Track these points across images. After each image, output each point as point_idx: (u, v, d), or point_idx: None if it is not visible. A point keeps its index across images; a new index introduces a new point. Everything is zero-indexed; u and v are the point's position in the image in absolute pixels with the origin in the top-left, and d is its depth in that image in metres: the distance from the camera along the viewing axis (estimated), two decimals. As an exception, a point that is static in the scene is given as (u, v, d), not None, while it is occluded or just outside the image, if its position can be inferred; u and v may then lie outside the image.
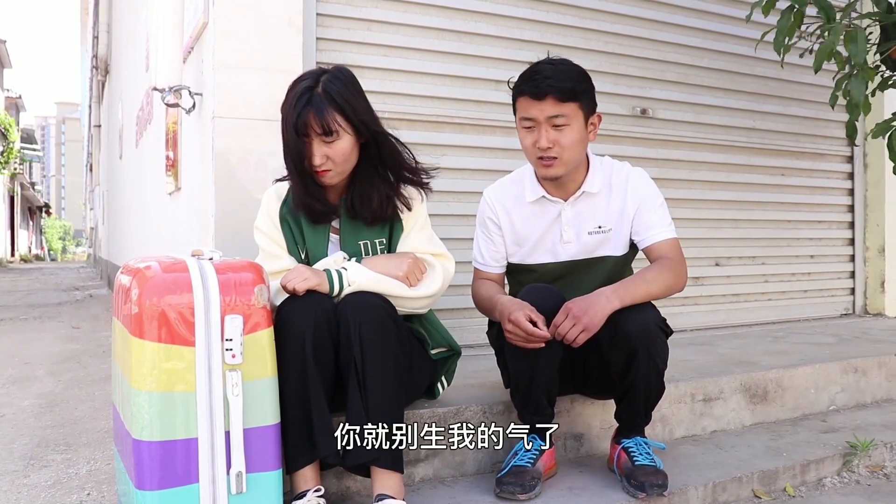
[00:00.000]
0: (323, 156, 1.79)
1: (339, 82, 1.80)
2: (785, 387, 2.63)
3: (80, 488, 2.02)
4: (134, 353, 1.48)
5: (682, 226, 3.61)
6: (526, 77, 1.91)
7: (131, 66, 6.36)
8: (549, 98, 1.87)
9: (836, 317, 4.23)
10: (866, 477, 2.25)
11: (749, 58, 3.74)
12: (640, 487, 1.82)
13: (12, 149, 19.99)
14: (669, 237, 1.98)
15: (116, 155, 8.77)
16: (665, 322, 1.91)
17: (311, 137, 1.77)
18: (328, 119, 1.75)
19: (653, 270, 1.90)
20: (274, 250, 1.89)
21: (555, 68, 1.90)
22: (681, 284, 1.93)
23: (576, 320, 1.75)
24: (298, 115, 1.75)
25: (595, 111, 1.96)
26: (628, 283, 1.86)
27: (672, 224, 2.01)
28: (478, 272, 2.14)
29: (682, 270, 1.94)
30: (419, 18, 3.02)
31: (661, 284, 1.87)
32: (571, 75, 1.90)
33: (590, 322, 1.75)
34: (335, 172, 1.83)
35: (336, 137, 1.78)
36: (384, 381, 1.68)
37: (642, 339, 1.81)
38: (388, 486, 1.67)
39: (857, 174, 4.29)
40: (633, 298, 1.82)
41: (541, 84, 1.87)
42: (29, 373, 3.69)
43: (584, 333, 1.75)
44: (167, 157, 3.60)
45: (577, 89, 1.88)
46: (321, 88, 1.77)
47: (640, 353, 1.82)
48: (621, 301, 1.80)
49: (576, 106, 1.88)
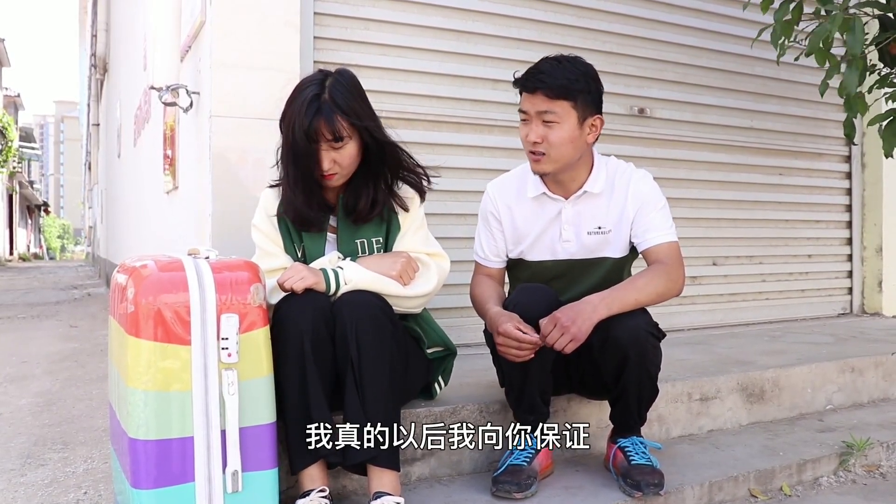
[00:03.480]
0: (331, 161, 1.81)
1: (344, 88, 1.81)
2: (782, 386, 2.63)
3: (77, 487, 2.02)
4: (130, 351, 1.48)
5: (679, 225, 3.58)
6: (527, 70, 1.93)
7: (130, 64, 6.36)
8: (539, 93, 1.88)
9: (833, 316, 4.23)
10: (863, 476, 2.26)
11: (747, 57, 3.74)
12: (637, 486, 1.82)
13: (11, 147, 19.95)
14: (668, 240, 1.96)
15: (115, 154, 8.76)
16: (656, 327, 1.91)
17: (321, 144, 1.79)
18: (338, 127, 1.77)
19: (644, 276, 1.88)
20: (271, 248, 1.90)
21: (555, 65, 1.89)
22: (675, 290, 1.90)
23: (563, 330, 1.74)
24: (310, 123, 1.76)
25: (596, 114, 1.93)
26: (617, 290, 1.84)
27: (673, 228, 1.98)
28: (478, 266, 2.15)
29: (677, 275, 1.92)
30: (417, 17, 3.01)
31: (652, 291, 1.85)
32: (569, 74, 1.88)
33: (578, 331, 1.74)
34: (341, 175, 1.85)
35: (344, 143, 1.80)
36: (381, 380, 1.69)
37: (632, 346, 1.81)
38: (385, 484, 1.68)
39: (855, 174, 4.29)
40: (622, 306, 1.80)
41: (534, 78, 1.88)
42: (27, 371, 3.69)
43: (573, 343, 1.74)
44: (165, 155, 3.59)
45: (571, 88, 1.86)
46: (328, 95, 1.78)
47: (631, 359, 1.82)
48: (608, 310, 1.78)
49: (568, 104, 1.87)
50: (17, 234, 29.27)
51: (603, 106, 1.97)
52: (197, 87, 2.69)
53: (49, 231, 54.57)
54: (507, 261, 2.14)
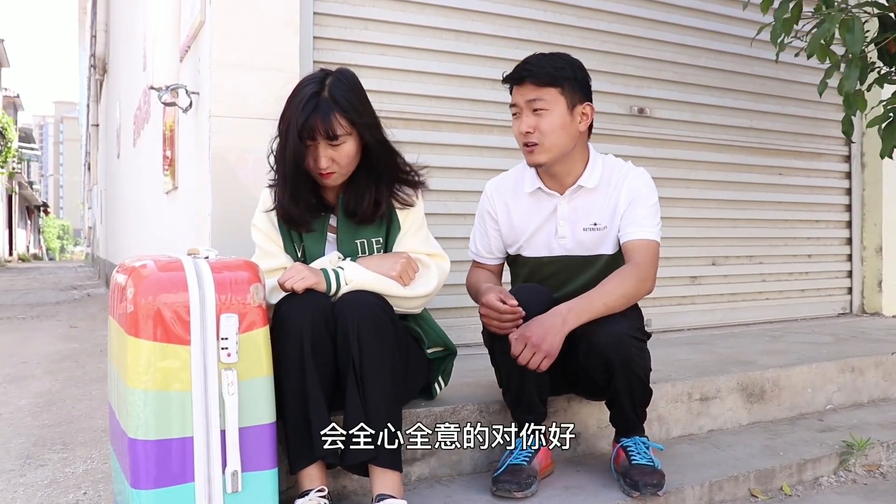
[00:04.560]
0: (329, 159, 1.80)
1: (343, 87, 1.81)
2: (782, 386, 2.63)
3: (77, 487, 2.02)
4: (129, 351, 1.48)
5: (679, 225, 3.67)
6: (515, 66, 1.97)
7: (129, 65, 6.36)
8: (526, 82, 1.92)
9: (833, 316, 4.23)
10: (863, 476, 2.26)
11: (747, 57, 3.74)
12: (635, 486, 1.82)
13: (10, 148, 19.96)
14: (646, 238, 1.94)
15: (114, 154, 8.76)
16: (639, 329, 1.90)
17: (318, 141, 1.78)
18: (334, 124, 1.77)
19: (613, 280, 1.86)
20: (270, 248, 1.90)
21: (540, 57, 1.95)
22: (645, 290, 1.89)
23: (535, 348, 1.74)
24: (306, 120, 1.76)
25: (585, 101, 1.96)
26: (585, 298, 1.82)
27: (657, 227, 1.97)
28: (473, 262, 2.21)
29: (647, 275, 1.89)
30: (416, 17, 3.01)
31: (621, 295, 1.84)
32: (555, 63, 1.93)
33: (549, 347, 1.74)
34: (339, 174, 1.85)
35: (342, 141, 1.80)
36: (382, 380, 1.69)
37: (616, 353, 1.81)
38: (387, 486, 1.67)
39: (855, 174, 4.30)
40: (591, 315, 1.80)
41: (521, 70, 1.93)
42: (26, 372, 3.69)
43: (547, 360, 1.74)
44: (165, 156, 3.59)
45: (558, 75, 1.91)
46: (327, 93, 1.79)
47: (616, 366, 1.82)
48: (578, 319, 1.78)
49: (556, 91, 1.91)
50: (16, 234, 29.27)
51: (593, 97, 2.00)
52: (196, 87, 2.69)
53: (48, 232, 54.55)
54: (507, 257, 2.16)
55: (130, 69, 6.21)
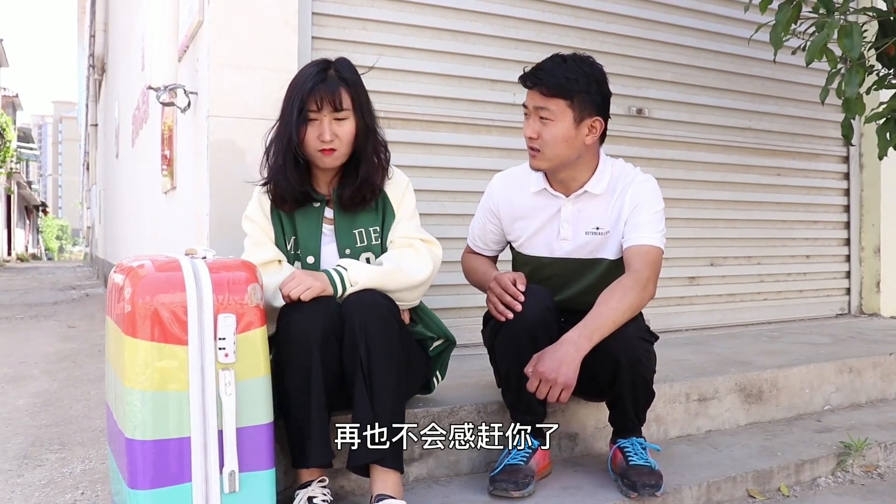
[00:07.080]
0: (332, 133, 1.82)
1: (348, 69, 1.89)
2: (780, 387, 2.63)
3: (74, 487, 2.02)
4: (127, 351, 1.48)
5: (677, 225, 3.66)
6: (532, 67, 1.95)
7: (128, 64, 6.35)
8: (535, 89, 1.91)
9: (831, 317, 4.23)
10: (861, 476, 2.26)
11: (745, 58, 3.74)
12: (633, 487, 1.82)
13: (9, 148, 19.95)
14: (649, 244, 1.92)
15: (113, 154, 8.75)
16: (648, 330, 1.91)
17: (323, 113, 1.81)
18: (341, 95, 1.82)
19: (616, 295, 1.82)
20: (260, 238, 1.90)
21: (558, 64, 1.91)
22: (647, 298, 1.86)
23: (551, 383, 1.71)
24: (313, 87, 1.80)
25: (596, 115, 1.92)
26: (594, 318, 1.78)
27: (661, 234, 1.95)
28: (467, 246, 2.24)
29: (647, 282, 1.86)
30: (415, 18, 3.01)
31: (627, 308, 1.81)
32: (568, 73, 1.88)
33: (566, 379, 1.70)
34: (340, 153, 1.86)
35: (345, 116, 1.83)
36: (389, 380, 1.70)
37: (625, 355, 1.81)
38: (388, 486, 1.68)
39: (853, 174, 4.30)
40: (602, 334, 1.77)
41: (532, 75, 1.91)
42: (24, 372, 3.69)
43: (566, 391, 1.72)
44: (163, 156, 3.59)
45: (569, 88, 1.87)
46: (333, 71, 1.86)
47: (624, 367, 1.82)
48: (590, 342, 1.75)
49: (564, 103, 1.88)
50: (14, 234, 29.23)
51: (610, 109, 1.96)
52: (195, 87, 2.69)
53: (47, 231, 54.45)
54: (506, 250, 2.20)
55: (129, 69, 6.21)
